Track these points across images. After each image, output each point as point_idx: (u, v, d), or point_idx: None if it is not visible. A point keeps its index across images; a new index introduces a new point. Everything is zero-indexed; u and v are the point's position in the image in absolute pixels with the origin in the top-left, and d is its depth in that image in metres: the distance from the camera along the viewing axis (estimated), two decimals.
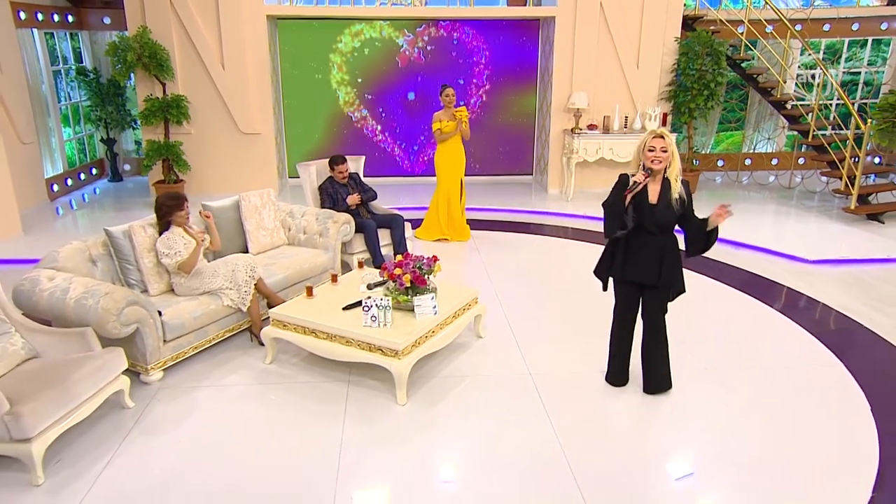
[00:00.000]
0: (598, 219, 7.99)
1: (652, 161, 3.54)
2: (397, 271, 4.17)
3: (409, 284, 4.14)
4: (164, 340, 4.09)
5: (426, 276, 4.21)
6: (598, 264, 3.97)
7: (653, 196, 3.60)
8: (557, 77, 8.89)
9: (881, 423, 3.69)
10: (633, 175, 3.60)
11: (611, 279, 3.95)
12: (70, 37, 9.75)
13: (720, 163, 10.69)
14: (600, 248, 6.75)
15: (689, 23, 9.10)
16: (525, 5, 9.07)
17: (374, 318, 3.96)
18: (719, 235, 3.70)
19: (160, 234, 4.45)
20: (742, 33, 8.88)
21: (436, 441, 3.57)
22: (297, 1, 9.19)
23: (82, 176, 9.73)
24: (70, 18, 9.42)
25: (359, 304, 4.19)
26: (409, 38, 9.56)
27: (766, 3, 8.78)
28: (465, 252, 6.88)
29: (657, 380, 3.97)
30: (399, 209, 8.08)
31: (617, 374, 4.07)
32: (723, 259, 6.38)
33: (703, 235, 3.65)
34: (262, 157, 8.88)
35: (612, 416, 3.84)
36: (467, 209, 7.81)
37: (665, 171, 3.57)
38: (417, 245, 7.02)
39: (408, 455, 3.45)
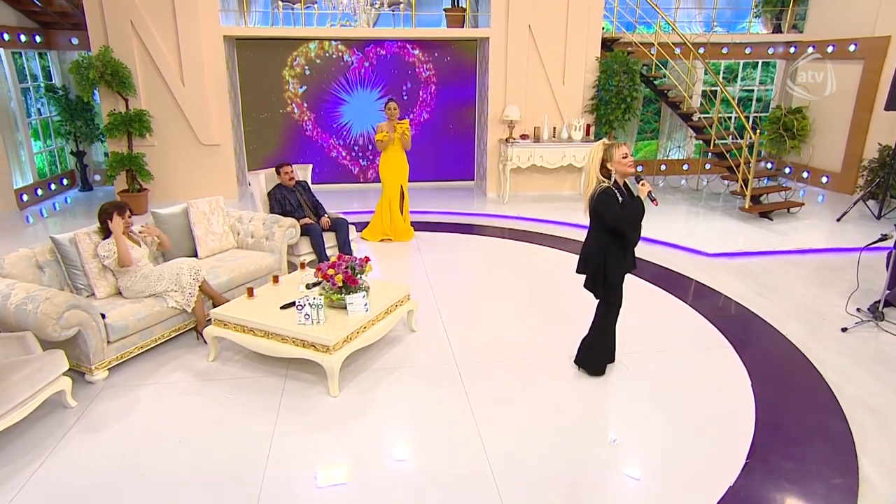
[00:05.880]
0: (530, 219, 8.05)
1: (629, 165, 3.48)
2: (330, 272, 4.03)
3: (341, 284, 4.01)
4: (108, 341, 3.86)
5: (358, 276, 4.08)
6: None
7: (643, 192, 3.58)
8: (493, 91, 8.84)
9: (758, 395, 3.73)
10: (610, 185, 3.48)
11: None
12: (39, 56, 9.26)
13: (640, 168, 10.79)
14: (531, 246, 6.89)
15: (608, 44, 9.16)
16: (462, 27, 8.97)
17: (307, 317, 3.81)
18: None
19: (103, 239, 4.21)
20: (654, 54, 8.98)
21: (365, 428, 3.45)
22: (253, 22, 8.94)
23: (53, 186, 9.24)
24: (38, 39, 8.93)
25: (295, 303, 4.04)
26: (358, 56, 9.37)
27: (674, 28, 8.90)
28: (408, 251, 6.76)
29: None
30: (350, 213, 7.97)
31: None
32: (644, 256, 6.37)
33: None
34: (222, 166, 8.58)
35: (535, 403, 3.73)
36: (413, 212, 7.72)
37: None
38: (363, 245, 6.88)
39: (338, 441, 3.32)
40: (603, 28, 9.05)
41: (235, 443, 3.28)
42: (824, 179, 9.68)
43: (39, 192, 8.86)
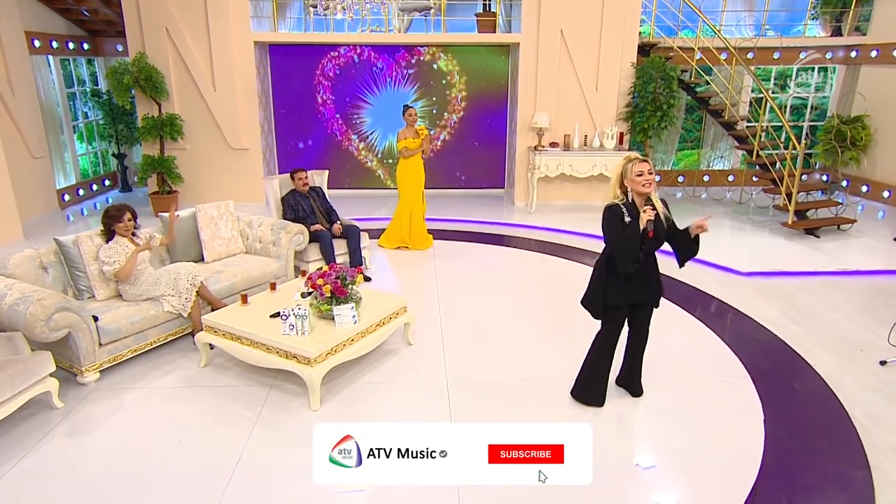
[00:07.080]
0: (556, 230, 7.79)
1: (643, 185, 3.23)
2: (319, 282, 3.96)
3: (329, 294, 3.93)
4: (100, 344, 3.92)
5: (347, 287, 4.00)
6: None
7: (643, 220, 3.25)
8: (522, 98, 8.63)
9: (770, 433, 3.41)
10: (620, 202, 3.28)
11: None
12: (87, 62, 9.72)
13: (680, 178, 10.35)
14: (554, 259, 6.64)
15: (645, 49, 8.80)
16: (494, 32, 8.82)
17: (292, 327, 3.75)
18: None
19: (106, 242, 4.29)
20: (697, 60, 8.53)
21: None
22: (286, 28, 9.07)
23: (94, 187, 9.65)
24: (85, 46, 9.37)
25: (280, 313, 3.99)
26: (389, 62, 9.37)
27: (717, 33, 8.45)
28: (423, 260, 6.65)
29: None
30: (376, 219, 7.95)
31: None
32: (668, 273, 6.01)
33: (690, 243, 3.43)
34: (251, 169, 8.73)
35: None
36: (436, 219, 7.63)
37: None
38: (379, 253, 6.82)
39: (307, 457, 3.22)
40: (641, 33, 8.70)
41: (206, 453, 3.25)
42: (886, 194, 8.96)
43: (81, 192, 9.26)
